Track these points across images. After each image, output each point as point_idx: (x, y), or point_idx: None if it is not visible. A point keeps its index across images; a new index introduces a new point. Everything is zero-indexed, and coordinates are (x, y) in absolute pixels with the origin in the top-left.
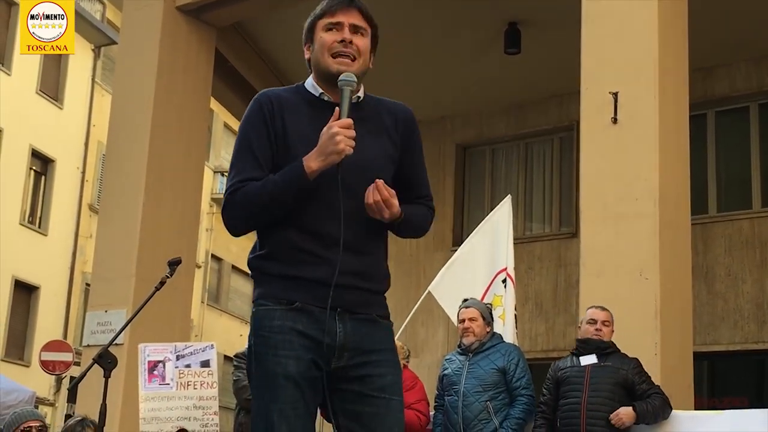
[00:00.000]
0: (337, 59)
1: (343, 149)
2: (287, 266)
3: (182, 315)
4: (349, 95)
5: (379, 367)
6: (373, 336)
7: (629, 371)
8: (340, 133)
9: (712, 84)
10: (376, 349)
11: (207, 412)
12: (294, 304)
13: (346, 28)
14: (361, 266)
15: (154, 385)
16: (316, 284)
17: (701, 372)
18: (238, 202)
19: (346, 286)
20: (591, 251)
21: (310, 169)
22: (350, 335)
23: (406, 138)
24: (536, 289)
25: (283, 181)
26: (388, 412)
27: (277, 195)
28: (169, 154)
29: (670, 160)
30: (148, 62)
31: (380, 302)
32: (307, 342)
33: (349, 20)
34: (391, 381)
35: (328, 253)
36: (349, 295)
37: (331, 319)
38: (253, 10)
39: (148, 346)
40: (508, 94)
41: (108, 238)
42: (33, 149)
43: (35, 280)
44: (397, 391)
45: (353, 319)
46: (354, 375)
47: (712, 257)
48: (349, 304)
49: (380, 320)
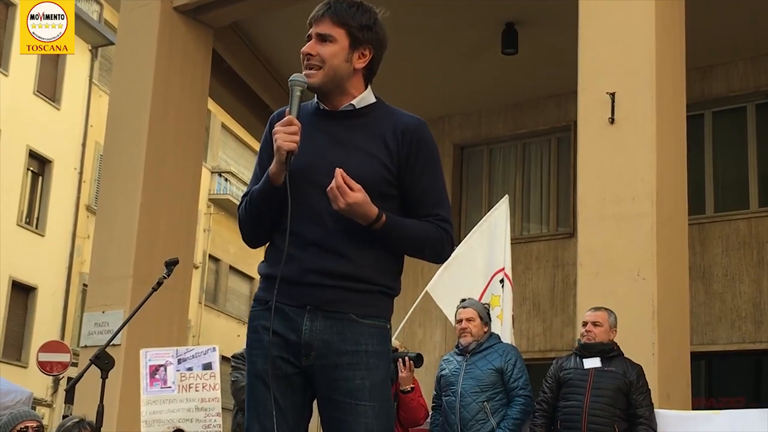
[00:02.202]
0: (305, 72)
1: (280, 145)
2: (268, 266)
3: (180, 316)
4: (299, 94)
5: (348, 370)
6: (345, 336)
7: (631, 377)
8: (279, 131)
9: (710, 84)
10: (348, 350)
11: (209, 414)
12: (268, 303)
13: (313, 40)
14: (334, 265)
15: (156, 389)
16: (286, 283)
17: (699, 372)
18: (240, 216)
19: (316, 284)
20: (588, 251)
21: (271, 172)
22: (317, 333)
23: (408, 150)
24: (534, 290)
25: (257, 189)
26: (354, 418)
27: (254, 203)
28: (167, 154)
29: (667, 160)
30: (145, 63)
31: (364, 302)
32: (276, 339)
33: (316, 30)
34: (359, 386)
35: (302, 252)
36: (319, 292)
37: (298, 317)
38: (250, 11)
39: (149, 351)
40: (505, 94)
41: (105, 239)
42: (30, 150)
43: (33, 281)
44: (366, 396)
45: (326, 318)
46: (322, 378)
47: (710, 257)
48: (321, 302)
49: (360, 320)
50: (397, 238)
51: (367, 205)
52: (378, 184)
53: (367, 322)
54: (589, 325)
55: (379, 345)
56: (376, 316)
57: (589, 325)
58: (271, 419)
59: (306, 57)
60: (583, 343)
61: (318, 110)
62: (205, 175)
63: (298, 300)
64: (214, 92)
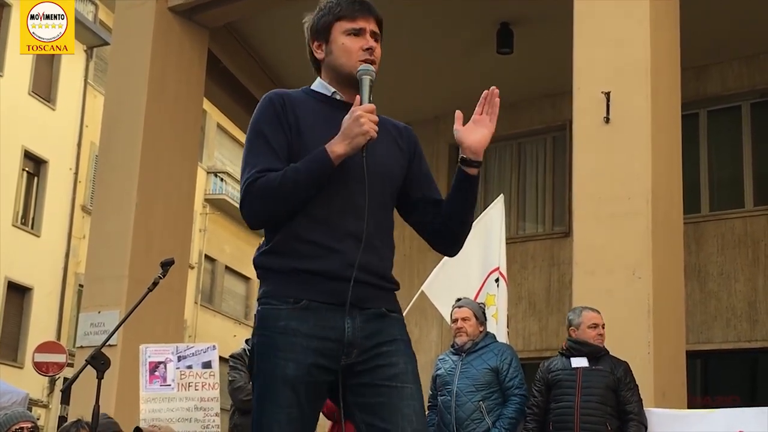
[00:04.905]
0: (368, 65)
1: (368, 130)
2: (293, 260)
3: (176, 316)
4: (369, 84)
5: (390, 357)
6: (382, 330)
7: (619, 374)
8: (364, 116)
9: (704, 83)
10: (387, 340)
11: (208, 414)
12: (300, 302)
13: (368, 35)
14: (373, 262)
15: (155, 386)
16: (324, 278)
17: (694, 371)
18: (259, 193)
19: (360, 281)
20: (584, 250)
21: (335, 154)
22: (359, 331)
23: (412, 148)
24: (529, 289)
25: (306, 168)
26: (401, 400)
27: (301, 182)
28: (162, 154)
29: (662, 159)
30: (140, 63)
31: (390, 298)
32: (313, 343)
33: (370, 27)
34: (403, 369)
35: (341, 245)
36: (361, 290)
37: (339, 316)
38: (245, 11)
39: (149, 347)
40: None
41: (101, 239)
42: (25, 150)
43: (28, 282)
44: (410, 379)
45: (363, 315)
46: (364, 368)
47: (705, 256)
48: (360, 300)
49: (390, 314)
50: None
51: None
52: (401, 183)
53: (395, 315)
54: (600, 327)
55: (406, 335)
56: (398, 311)
57: (600, 327)
58: (297, 426)
59: (369, 52)
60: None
61: (334, 100)
62: (201, 175)
63: (338, 297)
64: (210, 92)
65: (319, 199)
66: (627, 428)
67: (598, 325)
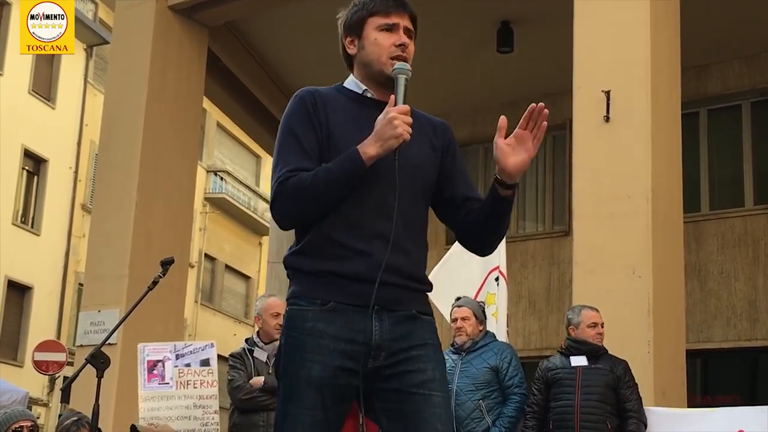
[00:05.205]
0: (402, 61)
1: (401, 133)
2: (321, 261)
3: (176, 314)
4: (404, 83)
5: (419, 363)
6: (411, 332)
7: (618, 372)
8: (398, 118)
9: (705, 82)
10: (416, 344)
11: (207, 411)
12: (328, 304)
13: (401, 31)
14: (402, 263)
15: (154, 385)
16: (351, 281)
17: (694, 370)
18: (290, 192)
19: (387, 282)
20: (584, 249)
21: (367, 155)
22: (387, 334)
23: (446, 145)
24: (529, 288)
25: (338, 168)
26: (428, 408)
27: (332, 182)
28: (162, 153)
29: (662, 158)
30: (140, 62)
31: (421, 299)
32: (340, 346)
33: (404, 23)
34: (431, 376)
35: (368, 247)
36: (388, 292)
37: (367, 318)
38: (245, 10)
39: (147, 346)
40: (500, 92)
41: (101, 238)
42: (25, 149)
43: (28, 280)
44: (439, 387)
45: (392, 317)
46: (392, 372)
47: (705, 255)
48: (388, 302)
49: (421, 316)
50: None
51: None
52: (434, 181)
53: (425, 318)
54: (599, 326)
55: (437, 338)
56: (429, 313)
57: (599, 326)
58: (320, 429)
59: (402, 48)
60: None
61: (365, 98)
62: (201, 173)
63: (365, 299)
64: (210, 91)
65: (351, 200)
66: (627, 426)
67: (598, 324)
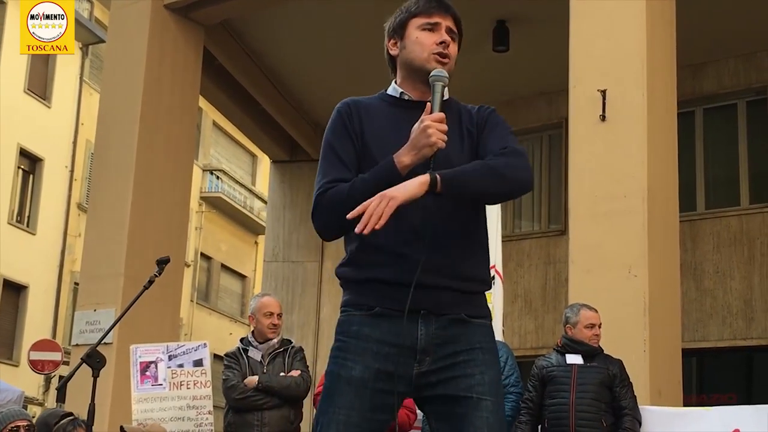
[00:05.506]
0: (440, 60)
1: (435, 142)
2: (364, 269)
3: (172, 314)
4: (441, 90)
5: (466, 368)
6: (459, 337)
7: (614, 371)
8: (432, 126)
9: (701, 81)
10: (463, 349)
11: (201, 412)
12: (374, 309)
13: (443, 30)
14: (443, 263)
15: (147, 386)
16: (390, 286)
17: (690, 368)
18: (328, 204)
19: (428, 285)
20: (580, 248)
21: (402, 164)
22: (432, 338)
23: (482, 125)
24: (525, 287)
25: (374, 178)
26: (476, 412)
27: (369, 192)
28: (158, 152)
29: (658, 157)
30: (136, 61)
31: (473, 302)
32: (384, 349)
33: (446, 23)
34: (479, 381)
35: (407, 249)
36: (431, 294)
37: (412, 323)
38: (241, 9)
39: (139, 347)
40: (496, 91)
41: (97, 237)
42: (21, 148)
43: (24, 279)
44: (488, 391)
45: (439, 321)
46: (438, 379)
47: (701, 254)
48: (434, 306)
49: (472, 320)
50: (462, 183)
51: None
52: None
53: (476, 321)
54: (596, 328)
55: (490, 341)
56: (482, 316)
57: (596, 328)
58: (354, 430)
59: (444, 46)
60: (580, 340)
61: (402, 101)
62: (197, 173)
63: (410, 304)
64: (206, 90)
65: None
66: (622, 423)
67: (595, 325)
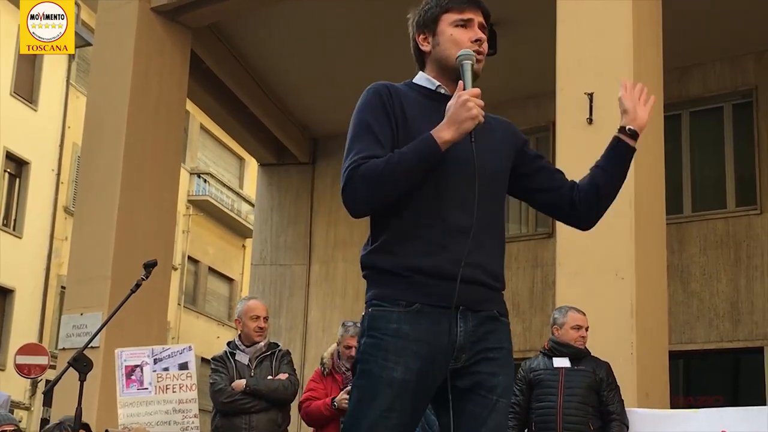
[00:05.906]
0: (476, 56)
1: (476, 115)
2: (401, 258)
3: (159, 317)
4: (470, 68)
5: (494, 366)
6: (491, 334)
7: (601, 375)
8: (472, 100)
9: (687, 84)
10: (494, 347)
11: (187, 415)
12: (413, 305)
13: (476, 26)
14: (483, 259)
15: (133, 390)
16: (433, 278)
17: (677, 371)
18: (362, 178)
19: (471, 280)
20: (567, 251)
21: (442, 139)
22: (470, 335)
23: (518, 141)
24: (513, 290)
25: (412, 152)
26: (490, 412)
27: (406, 166)
28: (145, 155)
29: (644, 160)
30: (123, 64)
31: (499, 300)
32: (423, 349)
33: (478, 19)
34: (500, 382)
35: (450, 241)
36: (473, 290)
37: (453, 319)
38: (228, 12)
39: (124, 351)
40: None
41: (83, 241)
42: (7, 151)
43: (10, 283)
44: (504, 394)
45: (475, 318)
46: (468, 373)
47: (687, 257)
48: (472, 302)
49: (500, 318)
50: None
51: None
52: (508, 174)
53: (504, 320)
54: (583, 330)
55: (510, 342)
56: (507, 314)
57: (583, 330)
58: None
59: (479, 43)
60: (566, 343)
61: (438, 94)
62: (184, 176)
63: (450, 300)
64: (193, 93)
65: (427, 192)
66: (609, 428)
67: (582, 327)
